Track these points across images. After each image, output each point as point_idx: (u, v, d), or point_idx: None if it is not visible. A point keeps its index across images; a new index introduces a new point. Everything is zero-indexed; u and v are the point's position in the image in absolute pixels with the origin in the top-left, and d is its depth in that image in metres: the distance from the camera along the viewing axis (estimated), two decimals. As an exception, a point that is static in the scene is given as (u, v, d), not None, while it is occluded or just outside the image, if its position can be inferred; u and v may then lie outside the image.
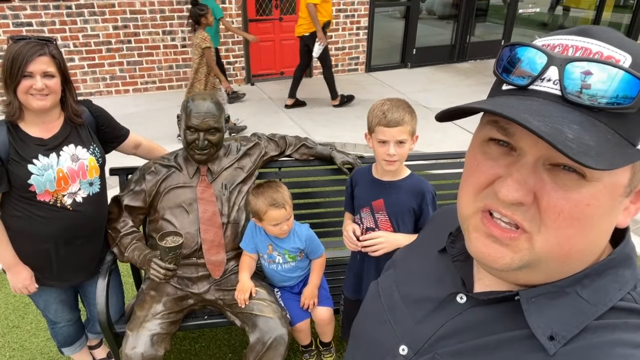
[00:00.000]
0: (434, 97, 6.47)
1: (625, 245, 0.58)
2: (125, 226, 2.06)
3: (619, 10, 9.90)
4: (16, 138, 1.72)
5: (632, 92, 0.47)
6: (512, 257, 0.54)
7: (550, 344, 0.53)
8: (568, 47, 0.51)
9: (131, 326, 1.94)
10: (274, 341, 1.93)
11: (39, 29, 5.73)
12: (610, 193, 0.51)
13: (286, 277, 2.14)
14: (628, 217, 0.55)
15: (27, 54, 1.61)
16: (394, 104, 1.69)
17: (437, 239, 0.76)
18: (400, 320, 0.71)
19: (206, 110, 1.94)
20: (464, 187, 0.60)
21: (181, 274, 2.06)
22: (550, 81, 0.50)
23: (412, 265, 0.79)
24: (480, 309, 0.62)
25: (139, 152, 2.20)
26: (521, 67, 0.53)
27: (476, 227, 0.57)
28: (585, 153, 0.44)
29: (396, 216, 1.79)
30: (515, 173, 0.51)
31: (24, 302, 2.85)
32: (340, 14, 7.12)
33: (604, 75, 0.47)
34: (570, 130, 0.46)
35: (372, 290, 0.83)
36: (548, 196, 0.51)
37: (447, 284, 0.69)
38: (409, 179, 1.81)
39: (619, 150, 0.47)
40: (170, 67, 6.54)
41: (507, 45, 0.55)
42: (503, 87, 0.56)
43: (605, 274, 0.56)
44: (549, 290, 0.56)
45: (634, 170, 0.51)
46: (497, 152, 0.55)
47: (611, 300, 0.54)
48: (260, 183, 2.02)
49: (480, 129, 0.57)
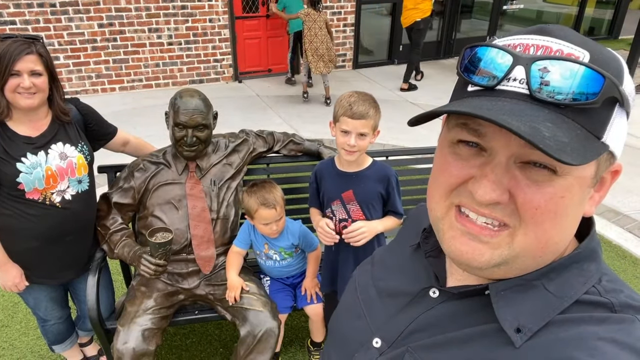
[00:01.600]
0: (421, 94, 6.53)
1: (591, 239, 0.60)
2: (114, 223, 2.07)
3: (601, 7, 10.05)
4: (4, 136, 1.72)
5: (596, 87, 0.48)
6: (492, 253, 0.55)
7: (517, 336, 0.54)
8: (529, 46, 0.52)
9: (122, 322, 1.95)
10: (265, 334, 1.96)
11: (22, 27, 5.67)
12: (580, 185, 0.53)
13: (284, 271, 2.19)
14: (593, 206, 0.58)
15: (14, 53, 1.61)
16: (361, 97, 1.73)
17: (412, 236, 0.78)
18: (375, 314, 0.73)
19: (194, 107, 1.95)
20: (434, 189, 0.60)
21: (171, 269, 2.07)
22: (517, 80, 0.51)
23: (388, 261, 0.81)
24: (452, 303, 0.64)
25: (127, 150, 2.21)
26: (484, 67, 0.53)
27: (451, 226, 0.58)
28: (562, 150, 0.46)
29: (367, 204, 1.86)
30: (490, 174, 0.52)
31: (13, 301, 2.84)
32: (327, 10, 7.14)
33: (566, 72, 0.48)
34: (545, 128, 0.47)
35: (349, 286, 0.85)
36: (523, 193, 0.52)
37: (421, 279, 0.70)
38: (373, 167, 1.87)
39: (588, 145, 0.49)
40: (156, 65, 6.51)
41: (470, 46, 0.56)
42: (468, 88, 0.57)
43: (571, 268, 0.58)
44: (517, 283, 0.57)
45: (599, 162, 0.54)
46: (467, 153, 0.56)
47: (576, 294, 0.56)
48: (255, 182, 2.05)
49: (448, 131, 0.58)
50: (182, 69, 6.66)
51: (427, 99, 6.27)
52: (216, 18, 6.53)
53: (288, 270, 2.19)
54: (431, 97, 6.34)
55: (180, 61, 6.60)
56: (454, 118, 0.56)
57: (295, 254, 2.15)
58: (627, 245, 3.44)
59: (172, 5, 6.25)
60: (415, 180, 2.62)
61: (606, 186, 0.58)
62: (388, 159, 2.52)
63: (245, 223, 2.12)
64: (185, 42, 6.52)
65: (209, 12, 6.47)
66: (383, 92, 6.59)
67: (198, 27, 6.50)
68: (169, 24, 6.32)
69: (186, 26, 6.43)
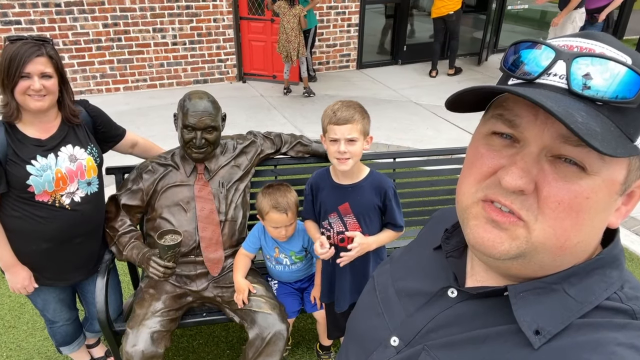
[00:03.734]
0: (425, 94, 6.51)
1: (614, 246, 0.60)
2: (123, 225, 2.07)
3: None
4: (14, 139, 1.72)
5: (634, 89, 0.49)
6: (510, 244, 0.55)
7: (536, 338, 0.54)
8: (573, 46, 0.54)
9: (131, 324, 1.95)
10: (273, 336, 1.95)
11: (27, 27, 5.67)
12: (608, 189, 0.53)
13: (293, 276, 2.18)
14: (619, 219, 0.57)
15: (24, 55, 1.61)
16: (345, 104, 1.72)
17: (434, 237, 0.78)
18: (394, 313, 0.73)
19: (203, 109, 1.95)
20: (465, 178, 0.61)
21: (180, 271, 2.07)
22: (557, 76, 0.53)
23: (408, 262, 0.82)
24: (471, 303, 0.64)
25: (136, 151, 2.21)
26: (529, 62, 0.55)
27: (476, 215, 0.58)
28: (593, 136, 0.46)
29: (363, 216, 1.82)
30: (519, 161, 0.53)
31: (20, 302, 2.84)
32: (331, 11, 7.13)
33: (607, 73, 0.50)
34: (579, 116, 0.48)
35: (368, 286, 0.85)
36: (549, 186, 0.52)
37: (440, 279, 0.70)
38: (369, 178, 1.82)
39: (620, 142, 0.50)
40: (161, 65, 6.51)
41: (515, 42, 0.57)
42: (510, 81, 0.58)
43: (593, 274, 0.57)
44: (537, 286, 0.57)
45: (629, 168, 0.54)
46: (500, 145, 0.57)
47: (597, 299, 0.56)
48: (272, 183, 2.04)
49: (484, 123, 0.60)
50: (186, 69, 6.65)
51: (431, 99, 6.26)
52: (220, 18, 6.53)
53: (297, 275, 2.18)
54: (435, 97, 6.33)
55: (184, 61, 6.60)
56: (492, 109, 0.58)
57: (306, 257, 2.14)
58: (633, 248, 3.42)
59: (177, 5, 6.24)
60: (424, 182, 2.61)
61: (634, 200, 0.58)
62: (395, 161, 2.52)
63: (255, 227, 2.12)
64: (189, 42, 6.51)
65: (214, 12, 6.46)
66: (387, 92, 6.58)
67: (202, 27, 6.49)
68: (173, 24, 6.32)
69: (190, 26, 6.43)
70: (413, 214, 2.63)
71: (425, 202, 2.66)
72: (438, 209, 0.97)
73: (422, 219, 2.62)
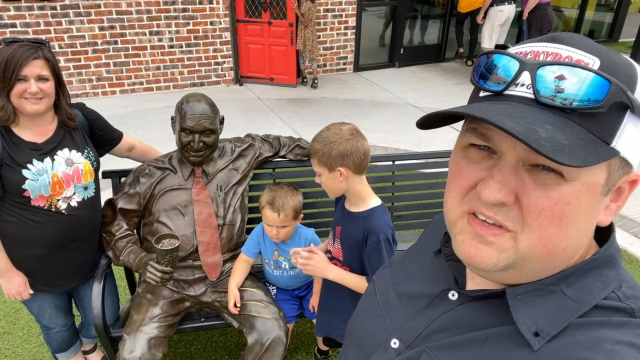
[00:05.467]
0: (422, 96, 6.52)
1: (610, 246, 0.60)
2: (119, 229, 2.05)
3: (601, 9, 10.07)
4: (10, 142, 1.69)
5: (601, 93, 0.49)
6: (498, 256, 0.55)
7: (535, 339, 0.55)
8: (539, 53, 0.53)
9: (128, 330, 1.93)
10: (272, 342, 1.93)
11: (23, 30, 5.64)
12: (589, 192, 0.52)
13: (291, 282, 2.15)
14: (609, 216, 0.57)
15: (21, 57, 1.59)
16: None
17: (434, 241, 0.79)
18: (394, 316, 0.74)
19: (201, 112, 1.93)
20: (449, 192, 0.61)
21: (177, 276, 2.05)
22: (524, 86, 0.52)
23: (408, 265, 0.82)
24: (471, 306, 0.64)
25: (133, 155, 2.19)
26: (497, 73, 0.55)
27: (462, 230, 0.59)
28: (558, 151, 0.46)
29: (347, 246, 1.74)
30: (496, 174, 0.53)
31: (15, 308, 2.81)
32: (328, 13, 7.13)
33: (575, 78, 0.49)
34: (543, 130, 0.48)
35: (368, 289, 0.86)
36: (529, 195, 0.52)
37: (441, 282, 0.71)
38: (365, 213, 1.67)
39: (592, 149, 0.49)
40: (157, 68, 6.48)
41: (484, 53, 0.57)
42: (480, 94, 0.58)
43: (590, 274, 0.58)
44: (535, 288, 0.58)
45: (610, 169, 0.53)
46: (478, 156, 0.57)
47: (595, 299, 0.56)
48: (282, 182, 2.04)
49: (461, 136, 0.60)
50: (183, 71, 6.63)
51: (428, 102, 6.27)
52: (217, 21, 6.51)
53: (296, 281, 2.15)
54: (433, 99, 6.33)
55: (181, 64, 6.58)
56: (466, 123, 0.58)
57: None
58: (632, 250, 3.42)
59: (173, 8, 6.22)
60: (423, 185, 2.60)
61: (624, 196, 0.58)
62: (394, 164, 2.50)
63: (254, 230, 2.10)
64: (186, 45, 6.49)
65: (210, 15, 6.45)
66: (385, 95, 6.58)
67: (199, 29, 6.48)
68: (169, 27, 6.30)
69: (187, 29, 6.41)
70: (412, 217, 2.61)
71: (425, 205, 2.65)
72: (437, 211, 0.96)
73: (421, 222, 2.60)
